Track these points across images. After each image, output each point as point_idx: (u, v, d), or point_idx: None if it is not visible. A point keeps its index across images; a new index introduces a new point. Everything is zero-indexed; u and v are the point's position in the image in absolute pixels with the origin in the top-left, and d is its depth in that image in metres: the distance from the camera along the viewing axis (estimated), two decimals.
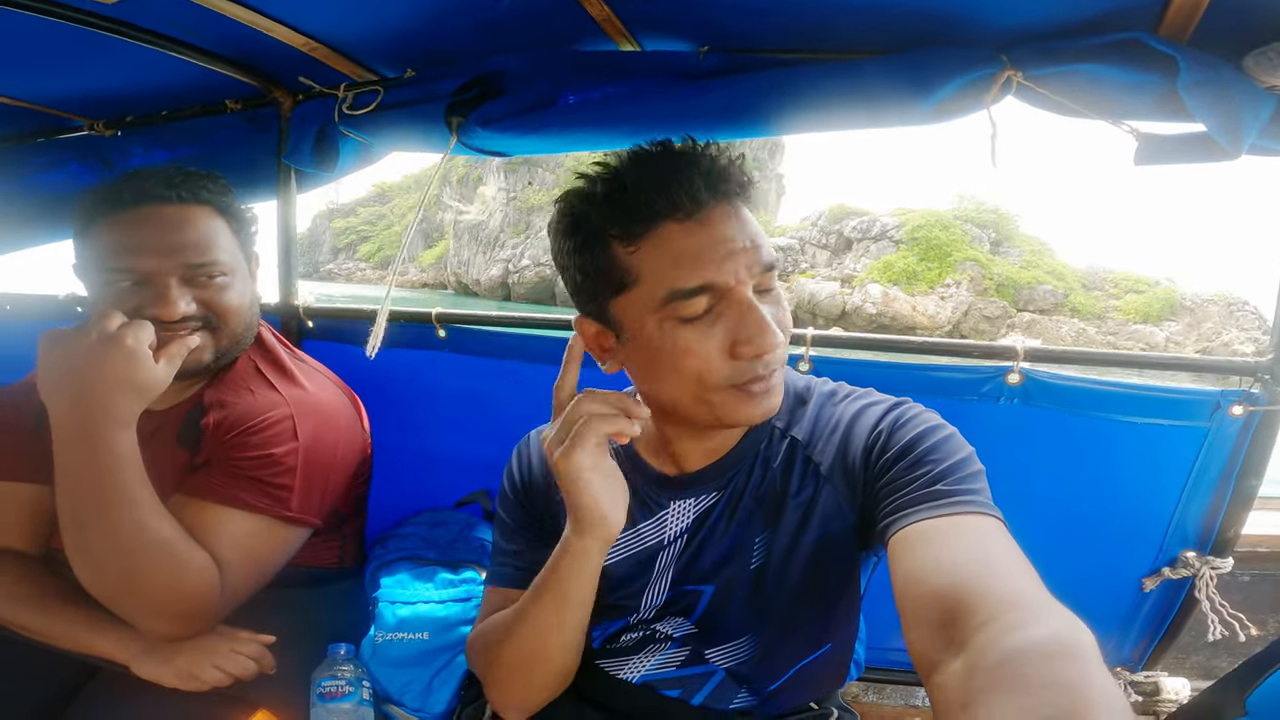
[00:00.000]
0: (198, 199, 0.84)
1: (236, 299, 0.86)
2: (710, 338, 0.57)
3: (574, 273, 0.63)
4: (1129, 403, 1.03)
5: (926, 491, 0.56)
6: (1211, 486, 1.05)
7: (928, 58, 0.84)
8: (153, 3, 0.89)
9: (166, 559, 0.74)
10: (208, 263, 0.83)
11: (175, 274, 0.81)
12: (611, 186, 0.58)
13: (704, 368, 0.58)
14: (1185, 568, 1.10)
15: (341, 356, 1.27)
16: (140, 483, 0.74)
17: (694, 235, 0.56)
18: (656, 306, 0.57)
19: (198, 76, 1.13)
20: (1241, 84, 0.74)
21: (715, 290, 0.57)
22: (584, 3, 0.88)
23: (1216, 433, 1.01)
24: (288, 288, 1.32)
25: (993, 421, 1.07)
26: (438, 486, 1.27)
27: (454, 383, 1.26)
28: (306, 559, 0.93)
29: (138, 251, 0.80)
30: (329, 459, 0.89)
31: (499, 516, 0.80)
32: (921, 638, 0.47)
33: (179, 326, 0.81)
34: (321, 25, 1.00)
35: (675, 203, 0.56)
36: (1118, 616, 1.19)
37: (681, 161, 0.57)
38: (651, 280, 0.57)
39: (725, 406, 0.59)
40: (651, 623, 0.74)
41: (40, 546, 0.88)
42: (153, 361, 0.75)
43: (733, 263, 0.56)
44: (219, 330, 0.85)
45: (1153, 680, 1.20)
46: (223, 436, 0.83)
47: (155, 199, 0.81)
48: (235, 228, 0.89)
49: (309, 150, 1.14)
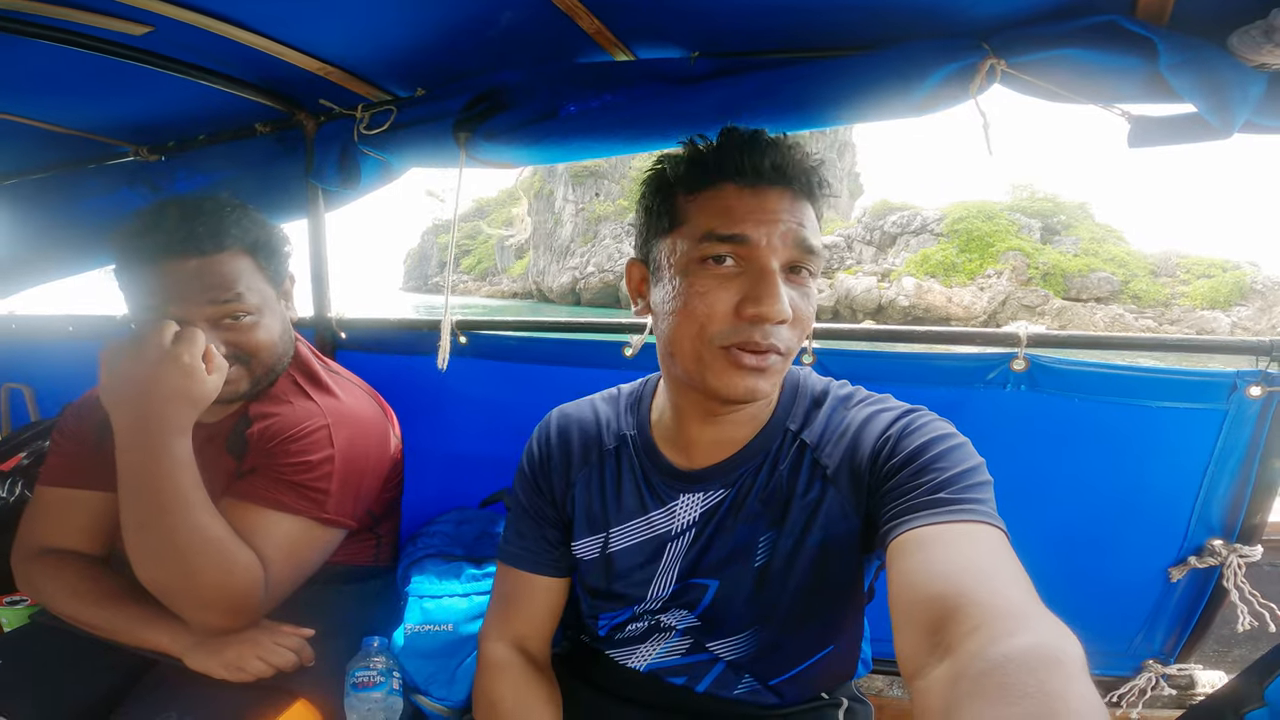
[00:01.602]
0: (221, 246, 0.89)
1: (265, 336, 0.93)
2: (725, 288, 0.63)
3: (640, 215, 0.72)
4: (1141, 386, 1.03)
5: (929, 499, 0.58)
6: (1234, 471, 1.05)
7: (911, 51, 0.89)
8: (177, 34, 1.00)
9: (218, 557, 0.81)
10: (234, 307, 0.89)
11: (202, 319, 0.88)
12: (692, 150, 0.68)
13: (709, 315, 0.63)
14: (1212, 556, 1.10)
15: (373, 365, 1.39)
16: (195, 485, 0.82)
17: (745, 199, 0.64)
18: (691, 246, 0.64)
19: (229, 102, 1.27)
20: (1227, 63, 0.77)
21: (746, 246, 0.62)
22: (576, 18, 0.96)
23: (1235, 415, 1.01)
24: (321, 301, 1.45)
25: (1001, 409, 1.09)
26: (464, 486, 1.36)
27: (476, 387, 1.36)
28: (344, 557, 1.01)
29: (165, 300, 0.87)
30: (362, 464, 0.97)
31: (514, 494, 0.85)
32: (909, 641, 0.48)
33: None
34: (335, 50, 1.11)
35: (739, 169, 0.64)
36: (1146, 608, 1.19)
37: (755, 141, 0.65)
38: (696, 222, 0.65)
39: (715, 368, 0.64)
40: (657, 613, 0.78)
41: (103, 549, 0.98)
42: (205, 374, 0.84)
43: (769, 228, 0.63)
44: (251, 364, 0.93)
45: (1187, 673, 1.20)
46: (265, 445, 0.92)
47: (179, 250, 0.86)
48: (263, 262, 0.95)
49: (333, 169, 1.26)
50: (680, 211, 0.66)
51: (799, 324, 0.65)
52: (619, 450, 0.79)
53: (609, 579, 0.78)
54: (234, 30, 1.00)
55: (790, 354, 0.66)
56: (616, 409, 0.84)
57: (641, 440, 0.78)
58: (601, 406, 0.85)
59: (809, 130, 0.97)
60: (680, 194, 0.67)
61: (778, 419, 0.74)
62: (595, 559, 0.79)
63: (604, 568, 0.78)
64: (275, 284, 0.98)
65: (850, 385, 0.78)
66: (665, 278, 0.67)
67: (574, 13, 0.94)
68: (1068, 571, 1.15)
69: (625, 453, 0.79)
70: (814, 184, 0.66)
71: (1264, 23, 0.76)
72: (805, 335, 0.67)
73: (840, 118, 0.95)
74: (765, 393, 0.65)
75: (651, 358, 1.22)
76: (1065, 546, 1.15)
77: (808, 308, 0.65)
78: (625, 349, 1.23)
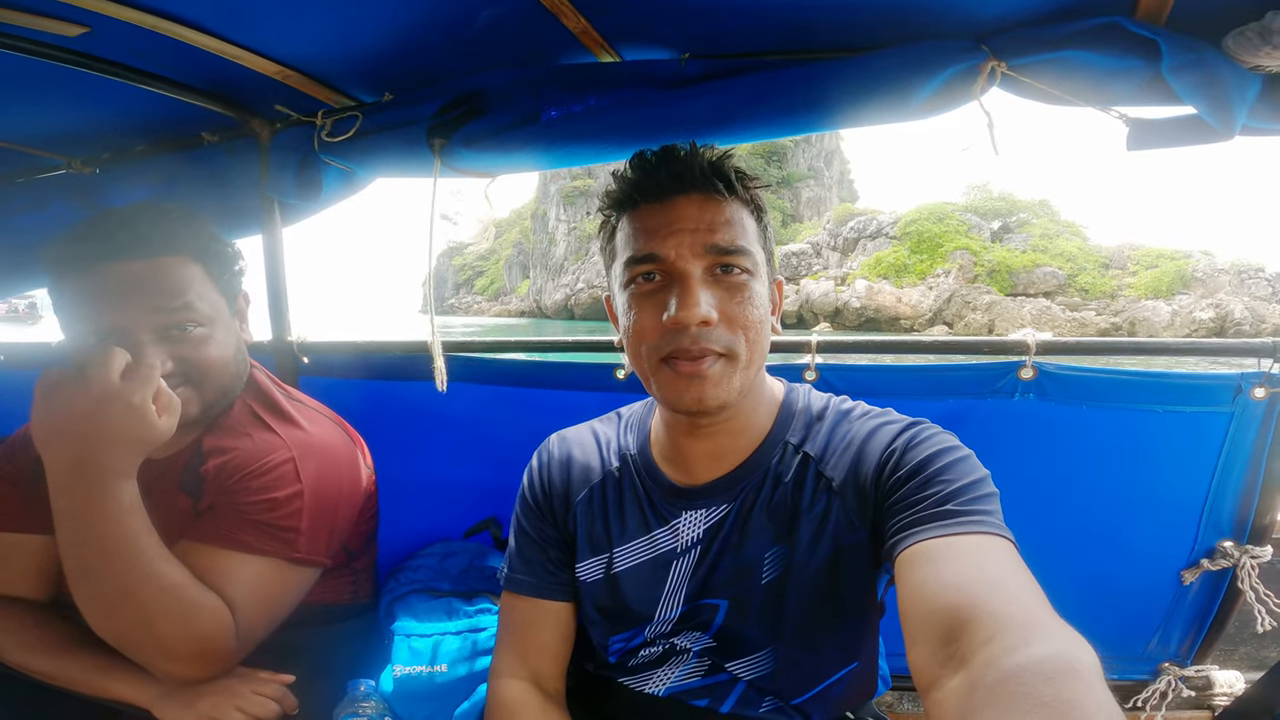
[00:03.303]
0: (168, 249, 0.84)
1: (217, 351, 0.89)
2: (651, 303, 0.68)
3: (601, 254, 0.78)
4: (1147, 391, 1.06)
5: (936, 511, 0.60)
6: (1242, 472, 1.08)
7: (910, 53, 0.89)
8: (117, 35, 0.94)
9: (177, 605, 0.77)
10: (182, 316, 0.85)
11: (148, 331, 0.83)
12: (616, 180, 0.74)
13: (642, 331, 0.68)
14: (1224, 558, 1.14)
15: (339, 391, 1.34)
16: (145, 530, 0.78)
17: (656, 214, 0.69)
18: (622, 270, 0.71)
19: (173, 109, 1.20)
20: (1225, 65, 0.79)
21: (660, 261, 0.67)
22: (560, 16, 0.94)
23: (1241, 417, 1.04)
24: (280, 324, 1.39)
25: (1009, 418, 1.11)
26: (446, 515, 1.33)
27: (455, 411, 1.32)
28: (321, 596, 0.98)
29: (106, 309, 0.81)
30: (334, 499, 0.94)
31: (516, 521, 0.86)
32: (923, 653, 0.49)
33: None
34: (293, 51, 1.06)
35: (646, 187, 0.70)
36: (1160, 611, 1.22)
37: (661, 158, 0.71)
38: (621, 247, 0.71)
39: (660, 381, 0.69)
40: (669, 636, 0.78)
41: (48, 593, 0.93)
42: (156, 416, 0.78)
43: (677, 239, 0.67)
44: (203, 384, 0.88)
45: (1204, 674, 1.24)
46: (224, 482, 0.88)
47: (121, 254, 0.82)
48: (214, 272, 0.90)
49: (291, 180, 1.21)
50: (615, 241, 0.73)
51: (733, 324, 0.67)
52: (620, 470, 0.82)
53: (615, 600, 0.79)
54: (180, 30, 0.95)
55: (735, 356, 0.67)
56: (617, 430, 0.86)
57: (642, 459, 0.81)
58: (601, 429, 0.88)
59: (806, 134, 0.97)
60: (614, 225, 0.74)
61: (776, 433, 0.76)
62: (599, 580, 0.80)
63: (609, 589, 0.80)
64: (228, 298, 0.94)
65: (851, 400, 0.79)
66: (619, 304, 0.73)
67: (558, 10, 0.92)
68: (1081, 578, 1.17)
69: (626, 473, 0.81)
70: (726, 183, 0.69)
71: (1259, 24, 0.79)
72: (752, 336, 0.68)
73: (838, 121, 0.95)
74: (718, 399, 0.67)
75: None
76: (1077, 553, 1.18)
77: (741, 307, 0.67)
78: (618, 371, 1.20)
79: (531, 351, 1.36)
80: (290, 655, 0.90)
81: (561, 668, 0.83)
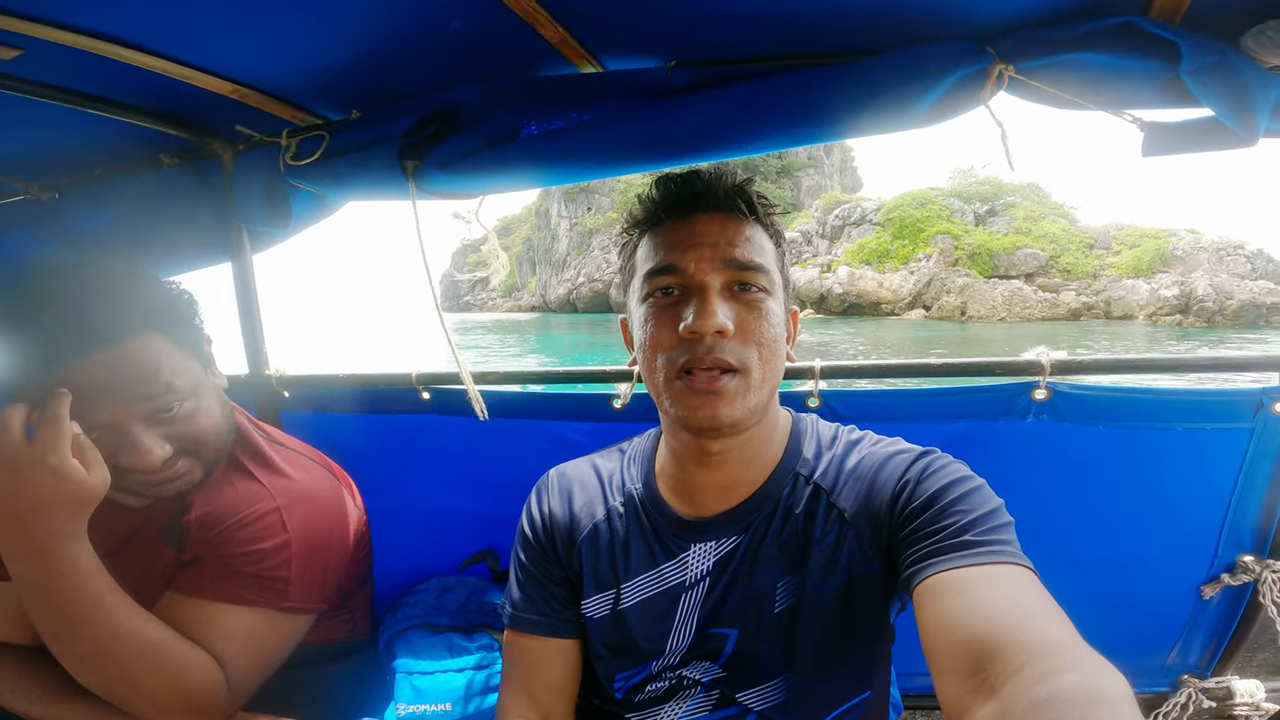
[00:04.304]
0: (130, 331, 0.77)
1: (208, 420, 0.86)
2: (669, 314, 0.68)
3: (620, 273, 0.80)
4: (1165, 409, 1.04)
5: (955, 541, 0.60)
6: (1263, 488, 1.06)
7: (911, 58, 0.84)
8: (53, 58, 0.87)
9: (160, 662, 0.76)
10: (167, 399, 0.80)
11: (137, 422, 0.79)
12: (639, 201, 0.76)
13: (658, 341, 0.69)
14: (1245, 573, 1.11)
15: (324, 425, 1.29)
16: (110, 591, 0.75)
17: (677, 229, 0.71)
18: (642, 284, 0.72)
19: (130, 131, 1.13)
20: (1247, 66, 0.75)
21: (679, 273, 0.68)
22: (536, 25, 0.88)
23: (1261, 432, 1.02)
24: (256, 358, 1.32)
25: (1022, 440, 1.08)
26: (441, 548, 1.30)
27: (445, 444, 1.27)
28: (319, 636, 0.97)
29: (86, 409, 0.76)
30: (324, 544, 0.93)
31: (516, 558, 0.85)
32: (952, 684, 0.49)
33: (165, 469, 0.82)
34: (250, 70, 1.00)
35: (670, 204, 0.72)
36: (1179, 625, 1.21)
37: (684, 178, 0.73)
38: (642, 262, 0.72)
39: (674, 395, 0.68)
40: (678, 668, 0.78)
41: (34, 637, 0.87)
42: (82, 473, 0.72)
43: (697, 252, 0.68)
44: (201, 452, 0.87)
45: (1224, 685, 1.23)
46: (208, 534, 0.86)
47: (83, 349, 0.74)
48: (179, 337, 0.85)
49: (258, 205, 1.14)
50: (636, 258, 0.75)
51: (749, 339, 0.67)
52: (624, 505, 0.81)
53: (623, 636, 0.78)
54: (121, 51, 0.88)
55: (749, 373, 0.67)
56: (620, 464, 0.85)
57: (647, 493, 0.80)
58: (602, 464, 0.87)
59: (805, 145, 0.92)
60: (635, 244, 0.76)
61: (786, 463, 0.76)
62: (606, 617, 0.80)
63: (617, 625, 0.79)
64: (198, 357, 0.89)
65: (859, 429, 0.80)
66: (636, 320, 0.73)
67: (534, 20, 0.86)
68: (1100, 595, 1.15)
69: (630, 507, 0.81)
70: (748, 204, 0.71)
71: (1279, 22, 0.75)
72: (766, 354, 0.68)
73: (839, 132, 0.90)
74: (730, 417, 0.66)
75: (642, 408, 1.17)
76: (1097, 570, 1.15)
77: (759, 324, 0.68)
78: (614, 401, 1.15)
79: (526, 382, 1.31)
80: (291, 696, 0.90)
81: (569, 705, 0.82)
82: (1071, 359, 1.02)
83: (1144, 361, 1.02)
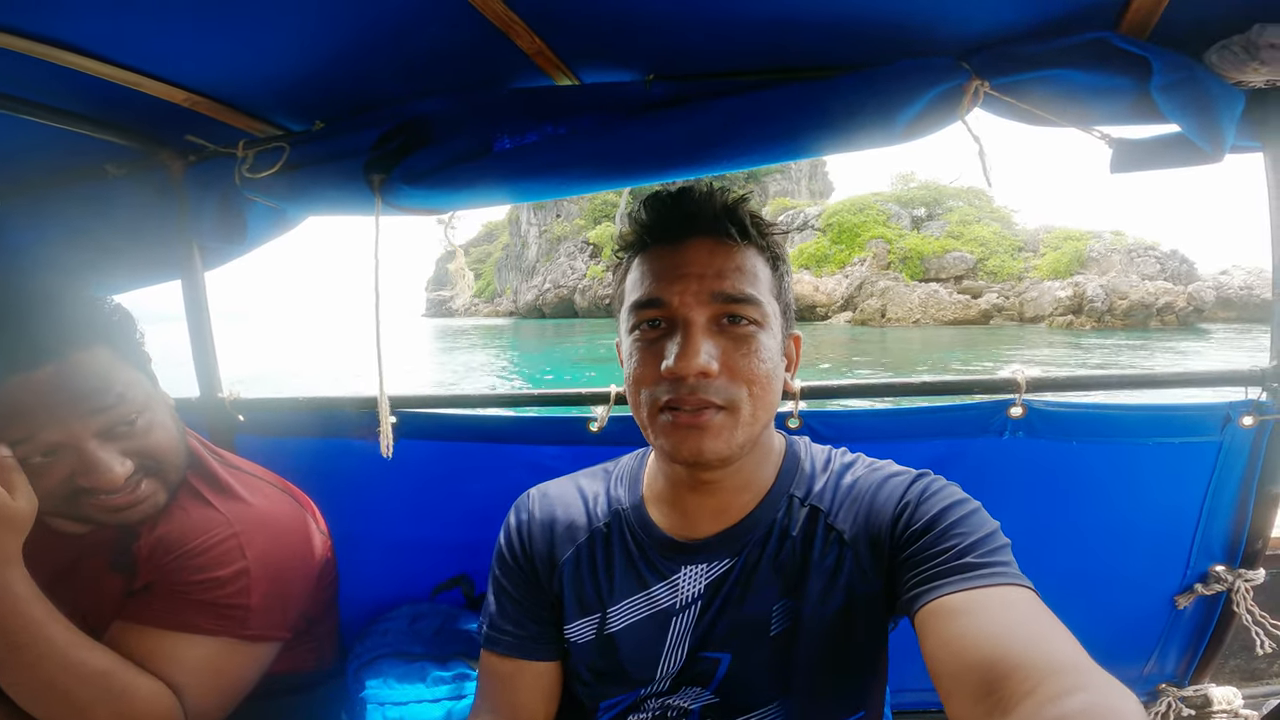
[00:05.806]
0: (78, 343, 0.76)
1: (164, 435, 0.84)
2: (653, 350, 0.65)
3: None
4: (1136, 425, 1.06)
5: (958, 564, 0.59)
6: (1232, 499, 1.08)
7: (889, 74, 0.84)
8: None
9: (105, 692, 0.73)
10: (122, 410, 0.78)
11: (92, 438, 0.76)
12: (630, 221, 0.72)
13: (641, 377, 0.66)
14: (1218, 582, 1.13)
15: (282, 451, 1.22)
16: (50, 618, 0.73)
17: (664, 258, 0.67)
18: (628, 315, 0.69)
19: (70, 138, 1.05)
20: (1213, 82, 0.77)
21: (663, 307, 0.65)
22: (512, 35, 0.86)
23: (1230, 445, 1.04)
24: (209, 380, 1.25)
25: (1000, 457, 1.08)
26: (412, 576, 1.26)
27: (414, 469, 1.22)
28: (285, 665, 0.94)
29: (38, 426, 0.73)
30: (286, 571, 0.89)
31: (495, 579, 0.82)
32: (961, 706, 0.49)
33: (127, 488, 0.79)
34: (203, 76, 0.94)
35: (655, 230, 0.68)
36: (1155, 635, 1.22)
37: (675, 198, 0.69)
38: (629, 295, 0.69)
39: (657, 430, 0.66)
40: (666, 696, 0.75)
41: None
42: (5, 498, 0.70)
43: (682, 285, 0.65)
44: (164, 471, 0.84)
45: (1202, 693, 1.24)
46: (160, 560, 0.83)
47: (28, 365, 0.72)
48: (124, 350, 0.83)
49: (211, 220, 1.08)
50: (625, 284, 0.71)
51: (737, 376, 0.64)
52: (609, 526, 0.79)
53: (610, 661, 0.76)
54: (65, 55, 0.82)
55: (737, 409, 0.64)
56: (606, 485, 0.83)
57: (635, 514, 0.78)
58: (586, 483, 0.84)
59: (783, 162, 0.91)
60: (626, 269, 0.72)
61: (781, 486, 0.75)
62: (591, 641, 0.77)
63: (603, 650, 0.76)
64: (144, 372, 0.86)
65: (851, 452, 0.79)
66: (624, 349, 0.71)
67: (510, 30, 0.83)
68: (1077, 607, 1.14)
69: (617, 528, 0.79)
70: (740, 228, 0.67)
71: (1244, 37, 0.77)
72: (757, 390, 0.65)
73: (818, 148, 0.89)
74: (717, 453, 0.64)
75: (619, 431, 1.14)
76: (1073, 583, 1.16)
77: (746, 360, 0.64)
78: (591, 424, 1.12)
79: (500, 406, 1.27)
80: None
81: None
82: (1046, 376, 1.03)
83: (1117, 378, 1.05)
